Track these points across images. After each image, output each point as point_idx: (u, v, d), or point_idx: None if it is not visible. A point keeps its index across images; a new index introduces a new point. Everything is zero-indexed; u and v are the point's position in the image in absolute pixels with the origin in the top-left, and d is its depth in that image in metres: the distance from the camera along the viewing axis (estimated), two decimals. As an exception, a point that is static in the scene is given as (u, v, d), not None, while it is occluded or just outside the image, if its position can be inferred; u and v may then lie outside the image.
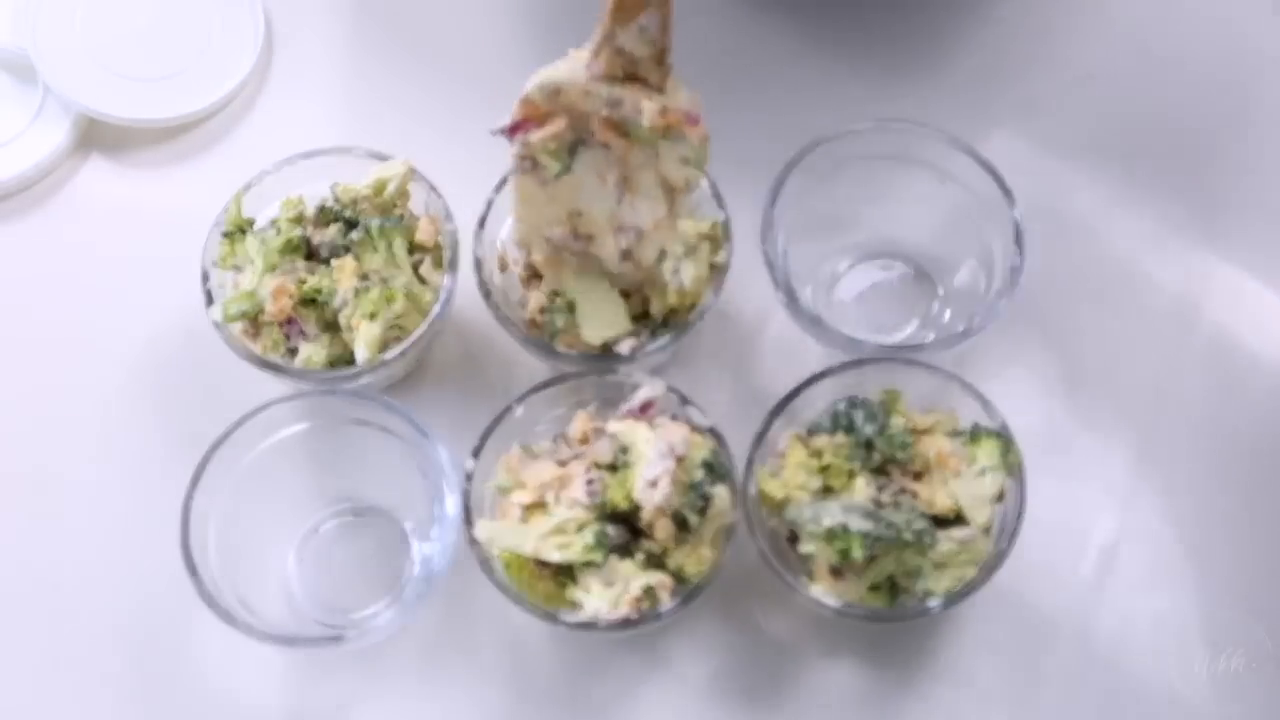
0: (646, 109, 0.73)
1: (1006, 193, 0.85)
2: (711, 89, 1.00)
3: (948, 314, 0.91)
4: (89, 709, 0.84)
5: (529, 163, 0.78)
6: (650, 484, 0.77)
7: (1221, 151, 0.97)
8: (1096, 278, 0.93)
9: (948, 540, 0.78)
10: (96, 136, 1.01)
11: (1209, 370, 0.90)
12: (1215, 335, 0.91)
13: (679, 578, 0.78)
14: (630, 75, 0.74)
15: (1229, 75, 1.00)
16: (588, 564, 0.77)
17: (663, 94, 0.75)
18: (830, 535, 0.76)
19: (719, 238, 0.86)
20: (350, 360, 0.85)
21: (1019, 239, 0.84)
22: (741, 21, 1.03)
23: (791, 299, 0.85)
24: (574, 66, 0.75)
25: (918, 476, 0.81)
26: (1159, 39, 1.01)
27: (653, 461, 0.77)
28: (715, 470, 0.79)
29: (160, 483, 0.82)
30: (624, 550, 0.79)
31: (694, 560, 0.78)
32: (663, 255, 0.85)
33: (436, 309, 0.86)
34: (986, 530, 0.79)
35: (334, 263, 0.86)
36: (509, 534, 0.79)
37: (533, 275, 0.88)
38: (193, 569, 0.79)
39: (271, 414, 0.83)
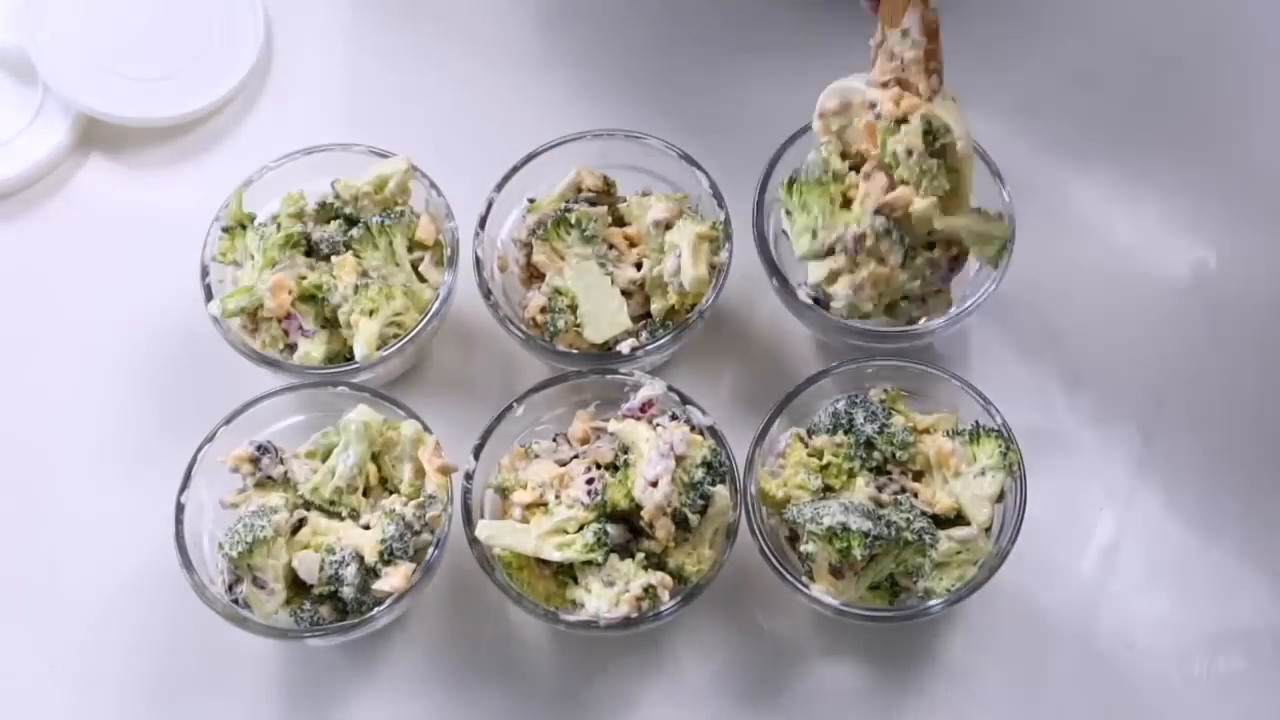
0: (884, 96, 0.77)
1: (995, 175, 0.85)
2: (712, 90, 1.01)
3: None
4: (87, 704, 0.84)
5: None
6: (650, 484, 0.77)
7: (1221, 151, 0.97)
8: (1096, 277, 0.93)
9: (948, 540, 0.78)
10: (96, 136, 1.01)
11: (1209, 369, 0.90)
12: (1215, 333, 0.91)
13: (679, 577, 0.78)
14: (900, 82, 0.78)
15: (1228, 75, 1.00)
16: (588, 563, 0.77)
17: (925, 99, 0.78)
18: (830, 535, 0.76)
19: (719, 238, 0.86)
20: (349, 356, 0.85)
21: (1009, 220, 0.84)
22: (742, 21, 1.03)
23: (783, 284, 0.84)
24: (856, 77, 0.80)
25: (918, 476, 0.81)
26: (1159, 39, 1.01)
27: (653, 461, 0.77)
28: (715, 470, 0.79)
29: (159, 479, 0.82)
30: (624, 550, 0.79)
31: (694, 560, 0.78)
32: (660, 256, 0.85)
33: (435, 306, 0.86)
34: (987, 530, 0.79)
35: (334, 259, 0.86)
36: (509, 534, 0.79)
37: (533, 275, 0.88)
38: (187, 564, 0.79)
39: (266, 408, 0.83)
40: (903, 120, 0.78)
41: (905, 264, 0.79)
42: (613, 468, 0.80)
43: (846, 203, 0.80)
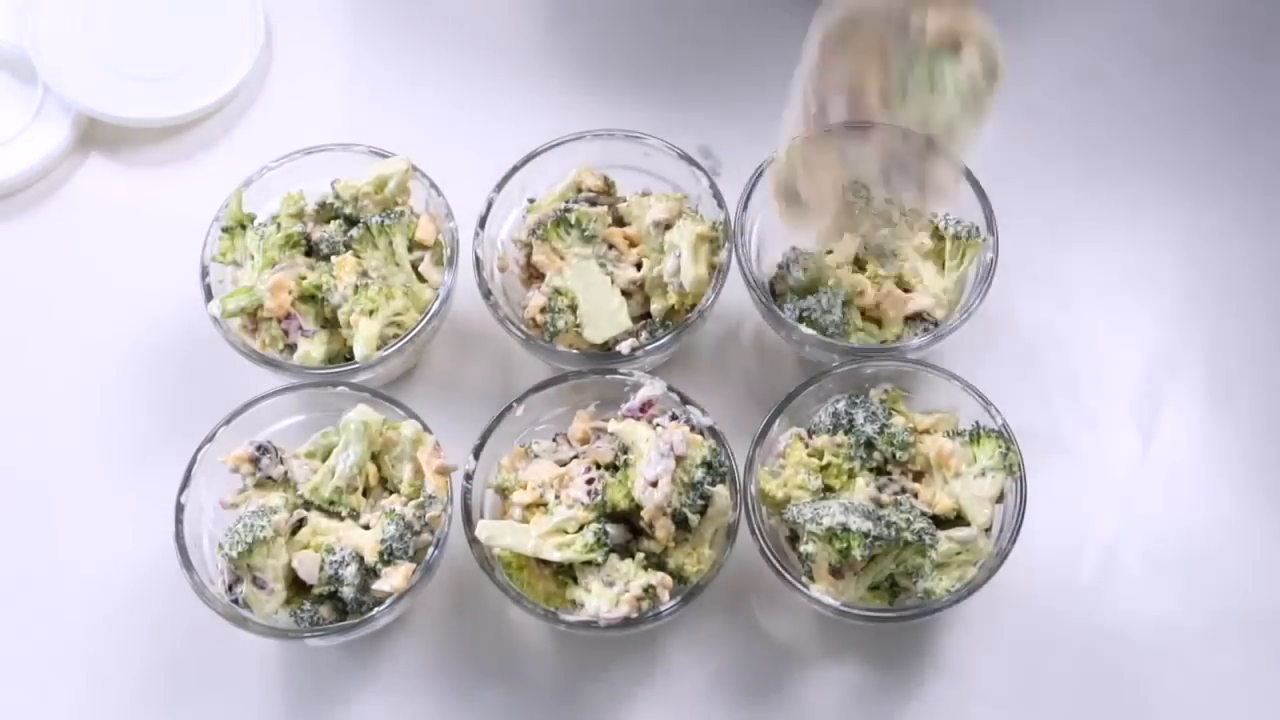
0: (932, 14, 0.70)
1: (979, 191, 0.85)
2: (712, 90, 1.01)
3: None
4: (87, 704, 0.84)
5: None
6: (650, 484, 0.77)
7: (1220, 150, 0.97)
8: (1096, 277, 0.93)
9: (948, 540, 0.78)
10: (96, 136, 1.01)
11: (1209, 369, 0.90)
12: (1215, 334, 0.91)
13: (679, 577, 0.78)
14: None
15: (1228, 75, 1.00)
16: (588, 563, 0.77)
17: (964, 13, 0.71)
18: (830, 535, 0.76)
19: (719, 238, 0.86)
20: (349, 356, 0.85)
21: (991, 225, 0.84)
22: (747, 23, 1.03)
23: (766, 301, 0.85)
24: None
25: (918, 476, 0.81)
26: (1159, 39, 1.01)
27: (653, 461, 0.77)
28: (715, 470, 0.79)
29: (159, 479, 0.82)
30: (624, 550, 0.79)
31: (694, 560, 0.78)
32: (660, 256, 0.86)
33: (435, 306, 0.86)
34: (987, 530, 0.79)
35: (334, 259, 0.86)
36: (509, 533, 0.79)
37: (533, 275, 0.88)
38: (187, 564, 0.79)
39: (266, 408, 0.83)
40: (953, 44, 0.71)
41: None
42: (613, 468, 0.80)
43: None
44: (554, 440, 0.84)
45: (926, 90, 0.73)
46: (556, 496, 0.79)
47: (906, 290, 0.85)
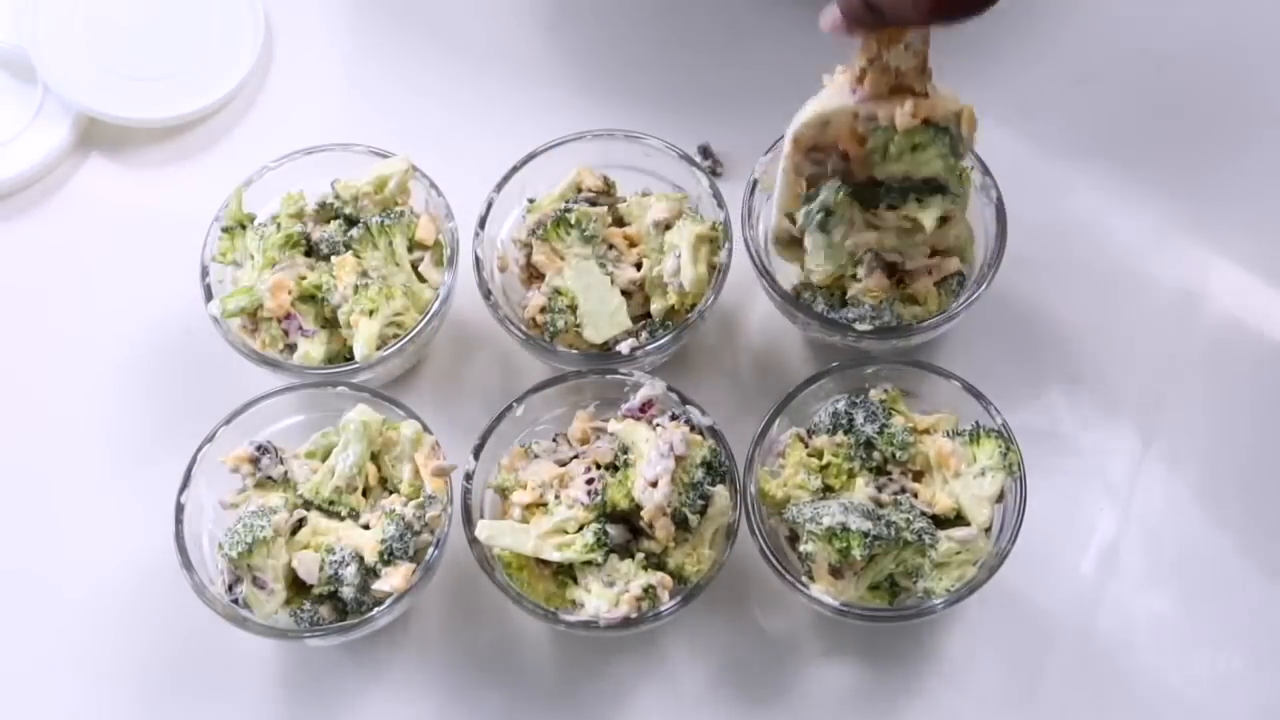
0: (899, 112, 0.76)
1: (986, 172, 0.85)
2: (714, 91, 1.01)
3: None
4: (86, 704, 0.84)
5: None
6: (650, 484, 0.77)
7: (1221, 151, 0.97)
8: (1096, 277, 0.93)
9: (948, 540, 0.78)
10: (96, 136, 1.01)
11: (1209, 369, 0.90)
12: (1215, 334, 0.91)
13: (679, 577, 0.78)
14: (895, 89, 0.76)
15: (1228, 75, 1.00)
16: (588, 563, 0.77)
17: (925, 98, 0.77)
18: (830, 535, 0.76)
19: (719, 238, 0.86)
20: (349, 356, 0.85)
21: (1000, 215, 0.84)
22: (747, 23, 1.03)
23: (772, 283, 0.84)
24: (837, 94, 0.77)
25: (918, 476, 0.81)
26: (1159, 39, 1.01)
27: (653, 461, 0.77)
28: (715, 470, 0.79)
29: (159, 479, 0.82)
30: (624, 550, 0.79)
31: (694, 560, 0.78)
32: (660, 256, 0.85)
33: (435, 306, 0.86)
34: (986, 530, 0.79)
35: (334, 259, 0.86)
36: (509, 533, 0.79)
37: (533, 275, 0.88)
38: (187, 564, 0.79)
39: (266, 408, 0.83)
40: (926, 121, 0.77)
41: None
42: (613, 468, 0.80)
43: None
44: (554, 440, 0.84)
45: (908, 151, 0.78)
46: (556, 496, 0.79)
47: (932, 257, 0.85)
